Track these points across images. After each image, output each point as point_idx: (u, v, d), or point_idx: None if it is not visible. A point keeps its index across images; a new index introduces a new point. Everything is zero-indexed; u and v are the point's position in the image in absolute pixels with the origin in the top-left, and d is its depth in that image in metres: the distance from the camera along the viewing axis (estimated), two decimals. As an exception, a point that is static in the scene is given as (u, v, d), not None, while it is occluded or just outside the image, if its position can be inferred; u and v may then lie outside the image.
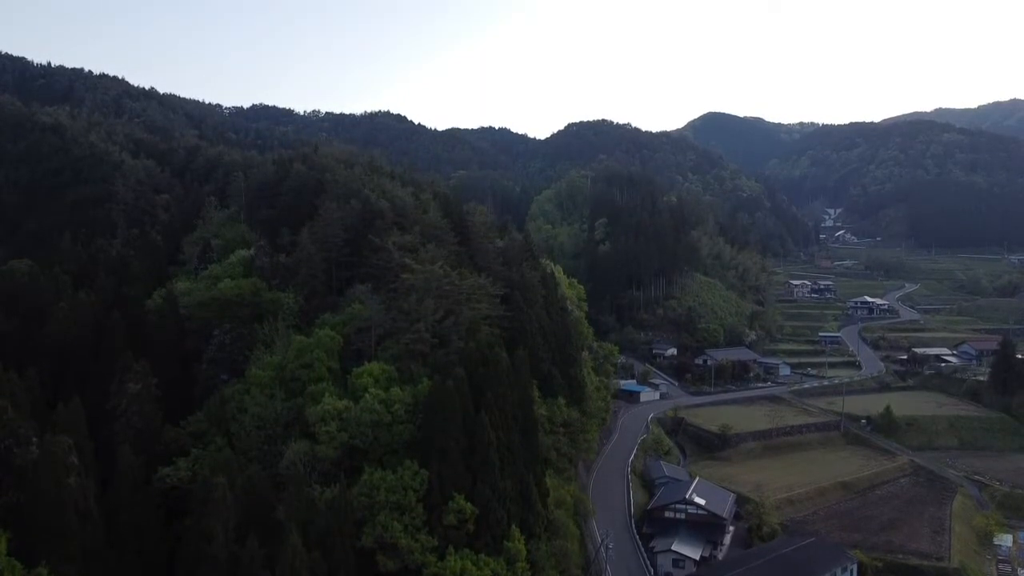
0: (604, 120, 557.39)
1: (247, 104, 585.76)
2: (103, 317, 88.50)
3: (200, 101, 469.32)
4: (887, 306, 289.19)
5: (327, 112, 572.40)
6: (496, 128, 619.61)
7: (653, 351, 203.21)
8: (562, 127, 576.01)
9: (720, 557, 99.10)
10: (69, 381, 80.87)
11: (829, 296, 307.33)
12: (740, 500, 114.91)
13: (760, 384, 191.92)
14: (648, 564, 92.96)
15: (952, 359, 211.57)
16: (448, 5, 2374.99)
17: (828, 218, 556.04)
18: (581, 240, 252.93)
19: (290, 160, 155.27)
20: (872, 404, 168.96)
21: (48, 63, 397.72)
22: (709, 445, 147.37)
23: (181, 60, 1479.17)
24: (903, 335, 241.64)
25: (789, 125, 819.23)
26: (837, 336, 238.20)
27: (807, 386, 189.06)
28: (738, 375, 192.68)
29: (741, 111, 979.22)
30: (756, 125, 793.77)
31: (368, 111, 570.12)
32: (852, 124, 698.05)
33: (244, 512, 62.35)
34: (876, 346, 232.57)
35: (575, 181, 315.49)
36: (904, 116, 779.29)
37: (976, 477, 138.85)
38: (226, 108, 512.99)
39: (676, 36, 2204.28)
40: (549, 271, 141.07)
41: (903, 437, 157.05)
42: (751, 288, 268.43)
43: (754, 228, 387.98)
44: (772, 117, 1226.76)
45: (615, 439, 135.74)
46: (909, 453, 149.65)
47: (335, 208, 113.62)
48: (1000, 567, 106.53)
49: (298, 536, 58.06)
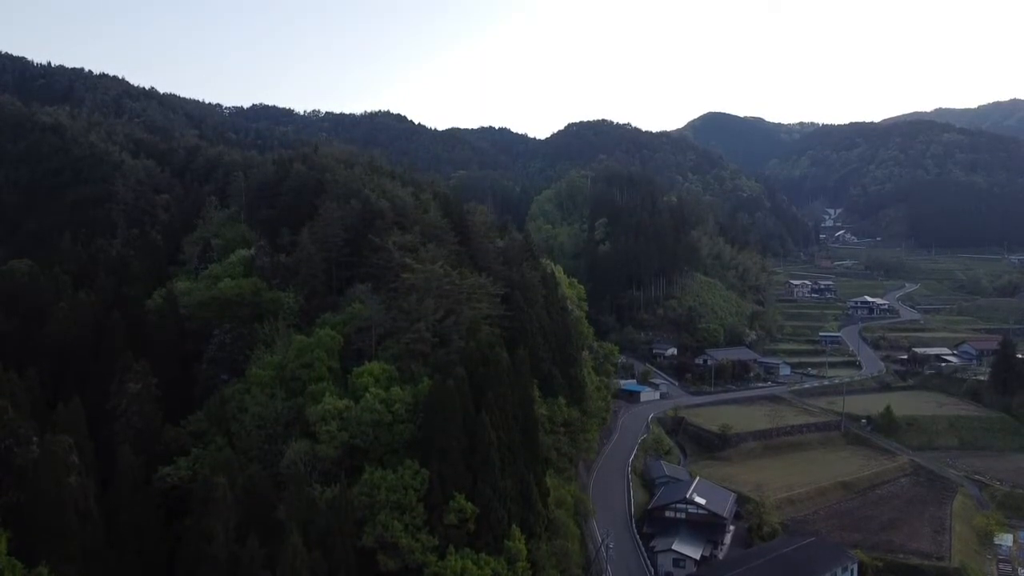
0: (604, 120, 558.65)
1: (247, 104, 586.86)
2: (103, 317, 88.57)
3: (200, 101, 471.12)
4: (887, 306, 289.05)
5: (327, 112, 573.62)
6: (496, 128, 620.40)
7: (653, 351, 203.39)
8: (562, 127, 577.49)
9: (720, 557, 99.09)
10: (69, 381, 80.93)
11: (829, 296, 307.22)
12: (740, 500, 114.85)
13: (760, 384, 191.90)
14: (648, 564, 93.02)
15: (952, 359, 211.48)
16: (448, 5, 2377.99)
17: (828, 218, 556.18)
18: (581, 240, 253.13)
19: (290, 160, 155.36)
20: (872, 404, 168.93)
21: (48, 63, 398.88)
22: (709, 445, 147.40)
23: (181, 60, 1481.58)
24: (903, 335, 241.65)
25: (789, 125, 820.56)
26: (837, 336, 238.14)
27: (807, 386, 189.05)
28: (738, 375, 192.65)
29: (741, 111, 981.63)
30: (756, 125, 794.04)
31: (368, 111, 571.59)
32: (852, 124, 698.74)
33: (244, 512, 62.35)
34: (876, 346, 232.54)
35: (575, 181, 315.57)
36: (904, 116, 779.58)
37: (976, 477, 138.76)
38: (226, 108, 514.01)
39: (676, 36, 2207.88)
40: (549, 271, 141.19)
41: (903, 437, 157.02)
42: (751, 288, 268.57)
43: (754, 228, 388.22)
44: (772, 117, 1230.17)
45: (615, 439, 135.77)
46: (909, 453, 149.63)
47: (335, 208, 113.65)
48: (1000, 567, 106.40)
49: (299, 536, 58.03)
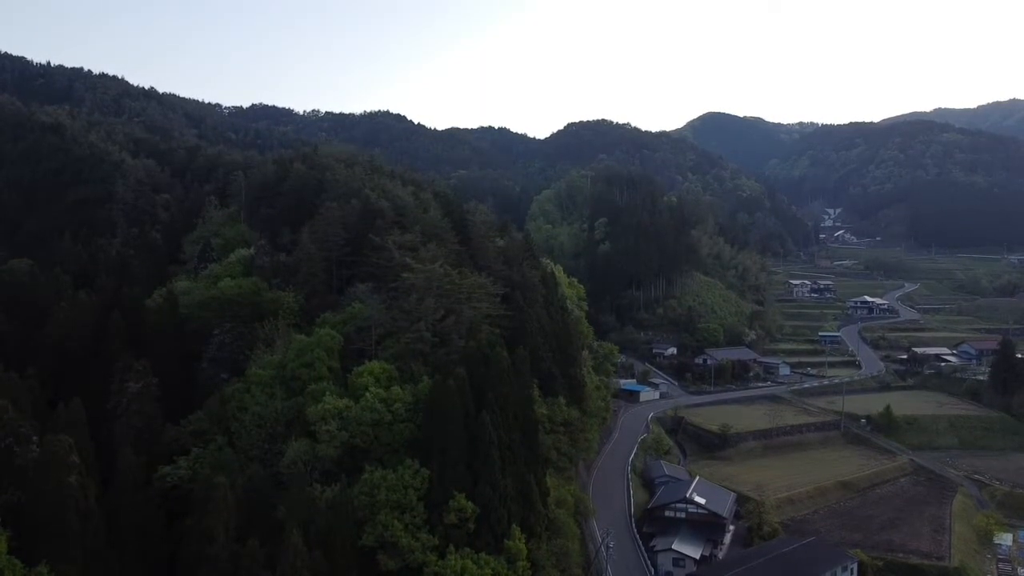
0: (604, 120, 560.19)
1: (247, 104, 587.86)
2: (103, 317, 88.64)
3: (200, 101, 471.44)
4: (887, 306, 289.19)
5: (327, 112, 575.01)
6: (496, 128, 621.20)
7: (653, 351, 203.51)
8: (562, 127, 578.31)
9: (720, 556, 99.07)
10: (69, 381, 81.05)
11: (829, 296, 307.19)
12: (740, 499, 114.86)
13: (760, 384, 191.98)
14: (648, 563, 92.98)
15: (952, 359, 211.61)
16: (448, 5, 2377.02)
17: (828, 218, 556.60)
18: (581, 240, 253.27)
19: (290, 159, 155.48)
20: (872, 404, 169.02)
21: (48, 62, 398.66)
22: (709, 444, 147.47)
23: (180, 60, 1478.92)
24: (903, 335, 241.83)
25: (789, 125, 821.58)
26: (837, 336, 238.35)
27: (807, 386, 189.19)
28: (738, 375, 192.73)
29: (741, 111, 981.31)
30: (756, 125, 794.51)
31: (368, 111, 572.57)
32: (852, 124, 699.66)
33: (245, 511, 62.45)
34: (876, 346, 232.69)
35: (575, 181, 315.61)
36: (904, 116, 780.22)
37: (976, 476, 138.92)
38: (226, 108, 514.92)
39: (676, 36, 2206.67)
40: (549, 271, 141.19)
41: (903, 437, 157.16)
42: (751, 288, 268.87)
43: (754, 228, 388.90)
44: (772, 117, 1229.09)
45: (615, 438, 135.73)
46: (909, 453, 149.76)
47: (335, 207, 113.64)
48: (1000, 566, 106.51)
49: (299, 535, 58.06)
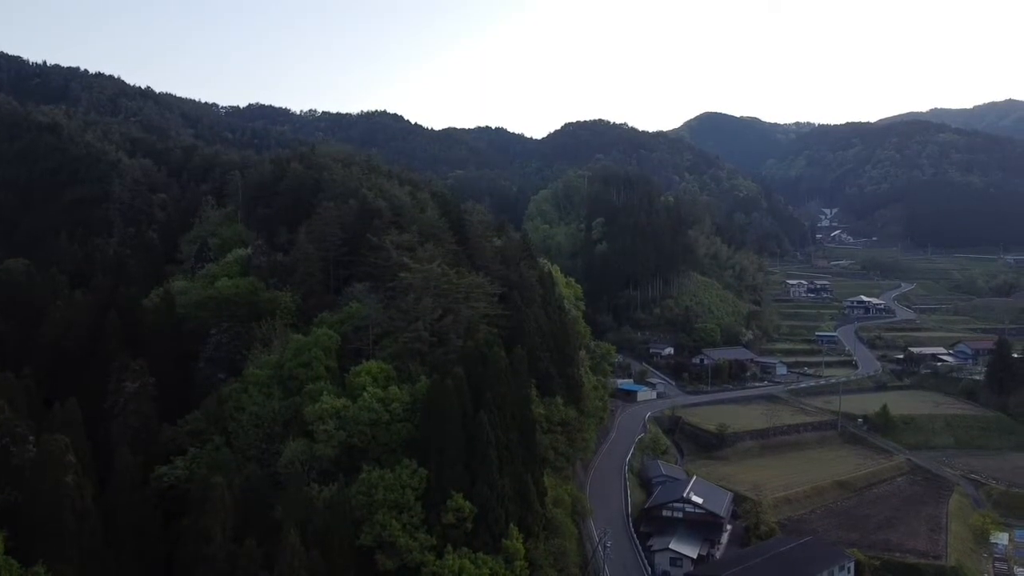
0: (601, 120, 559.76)
1: (243, 104, 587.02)
2: (100, 317, 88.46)
3: (196, 100, 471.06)
4: (883, 306, 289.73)
5: (324, 112, 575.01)
6: (493, 128, 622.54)
7: (650, 350, 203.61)
8: (559, 127, 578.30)
9: (718, 556, 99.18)
10: (66, 380, 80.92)
11: (825, 296, 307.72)
12: (737, 499, 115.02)
13: (757, 383, 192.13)
14: (646, 563, 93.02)
15: (948, 358, 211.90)
16: (447, 5, 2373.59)
17: (824, 218, 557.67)
18: (578, 240, 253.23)
19: (287, 159, 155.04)
20: (869, 403, 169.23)
21: (44, 62, 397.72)
22: (706, 444, 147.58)
23: (177, 59, 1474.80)
24: (899, 335, 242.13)
25: (785, 125, 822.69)
26: (834, 336, 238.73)
27: (804, 385, 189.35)
28: (735, 374, 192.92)
29: (738, 111, 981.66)
30: (753, 125, 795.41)
31: (365, 111, 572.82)
32: (848, 124, 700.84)
33: (242, 511, 62.36)
34: (872, 345, 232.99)
35: (572, 181, 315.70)
36: (900, 116, 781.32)
37: (973, 476, 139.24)
38: (222, 107, 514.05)
39: (673, 36, 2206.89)
40: (547, 271, 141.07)
41: (900, 436, 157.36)
42: (748, 288, 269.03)
43: (751, 228, 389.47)
44: (768, 117, 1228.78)
45: (612, 438, 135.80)
46: (906, 452, 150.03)
47: (332, 207, 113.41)
48: (996, 565, 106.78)
49: (296, 535, 58.01)
